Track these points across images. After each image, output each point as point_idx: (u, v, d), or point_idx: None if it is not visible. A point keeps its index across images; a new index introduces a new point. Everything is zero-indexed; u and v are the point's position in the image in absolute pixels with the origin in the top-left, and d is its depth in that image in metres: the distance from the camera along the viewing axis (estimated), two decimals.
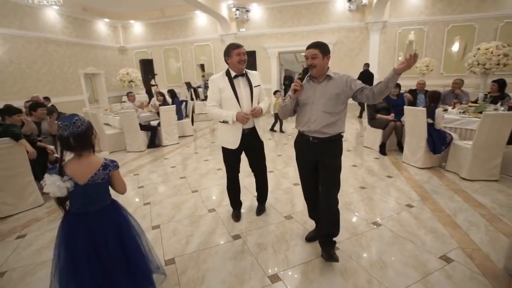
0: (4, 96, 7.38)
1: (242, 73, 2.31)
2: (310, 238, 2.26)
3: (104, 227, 1.44)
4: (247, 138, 2.36)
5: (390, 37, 9.28)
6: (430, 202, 2.85)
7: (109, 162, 1.48)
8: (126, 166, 4.67)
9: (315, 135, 1.96)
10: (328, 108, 1.92)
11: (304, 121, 2.01)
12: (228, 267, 2.00)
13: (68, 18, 9.65)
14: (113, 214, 1.51)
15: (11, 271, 2.10)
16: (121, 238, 1.49)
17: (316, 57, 1.90)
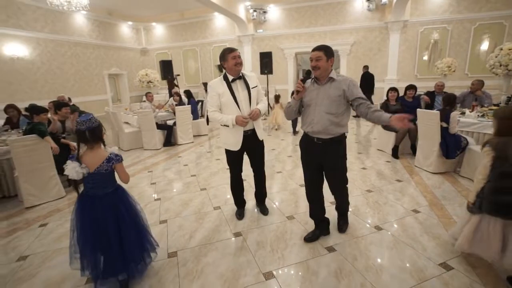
0: (36, 95, 7.97)
1: (239, 76, 2.36)
2: (309, 239, 2.31)
3: (104, 209, 1.73)
4: (248, 139, 2.44)
5: (411, 36, 8.97)
6: (438, 208, 2.78)
7: (114, 156, 1.75)
8: (141, 163, 4.91)
9: (319, 136, 2.06)
10: (331, 109, 2.00)
11: (307, 122, 2.10)
12: (226, 262, 2.09)
13: (95, 22, 10.22)
14: (114, 200, 1.78)
15: (33, 255, 2.32)
16: (118, 219, 1.77)
17: (320, 59, 1.97)
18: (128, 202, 1.86)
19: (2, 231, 2.74)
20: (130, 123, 6.67)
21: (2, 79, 7.49)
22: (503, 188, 1.71)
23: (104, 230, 1.71)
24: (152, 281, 1.94)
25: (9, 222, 2.93)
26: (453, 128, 3.52)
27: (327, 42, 9.94)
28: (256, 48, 11.11)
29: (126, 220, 1.78)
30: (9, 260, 2.25)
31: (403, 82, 9.13)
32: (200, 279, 1.94)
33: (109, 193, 1.77)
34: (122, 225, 1.76)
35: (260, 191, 2.84)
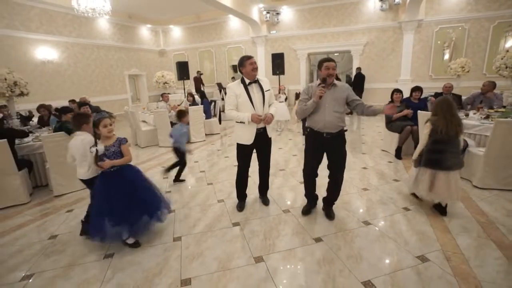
0: (64, 95, 8.65)
1: (255, 80, 2.68)
2: (306, 211, 2.83)
3: (121, 179, 2.35)
4: (259, 136, 2.74)
5: (425, 36, 8.83)
6: (429, 207, 2.90)
7: (122, 138, 2.39)
8: (156, 159, 5.30)
9: (329, 131, 2.48)
10: (338, 109, 2.47)
11: (319, 121, 2.49)
12: (222, 247, 2.36)
13: (117, 25, 10.86)
14: (127, 172, 2.41)
15: (61, 235, 2.71)
16: (135, 184, 2.43)
17: (335, 68, 2.46)
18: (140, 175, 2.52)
19: (36, 215, 3.17)
20: (147, 122, 7.11)
21: (35, 81, 8.21)
22: (433, 150, 2.59)
23: (123, 191, 2.32)
24: (159, 259, 2.25)
25: (41, 207, 3.37)
26: None
27: (340, 43, 10.07)
28: (269, 49, 11.33)
29: (143, 182, 2.50)
30: (41, 238, 2.65)
31: (417, 83, 8.99)
32: (199, 259, 2.22)
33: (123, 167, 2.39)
34: (140, 185, 2.45)
35: (263, 184, 3.14)
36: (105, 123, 2.29)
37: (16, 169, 3.37)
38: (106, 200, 2.29)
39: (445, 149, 2.55)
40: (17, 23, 7.81)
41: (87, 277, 2.09)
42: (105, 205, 2.28)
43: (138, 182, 2.47)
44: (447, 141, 2.55)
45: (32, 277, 2.12)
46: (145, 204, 2.42)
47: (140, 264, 2.20)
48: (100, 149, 2.30)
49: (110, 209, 2.26)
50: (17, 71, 7.73)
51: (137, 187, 2.42)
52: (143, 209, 2.40)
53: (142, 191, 2.44)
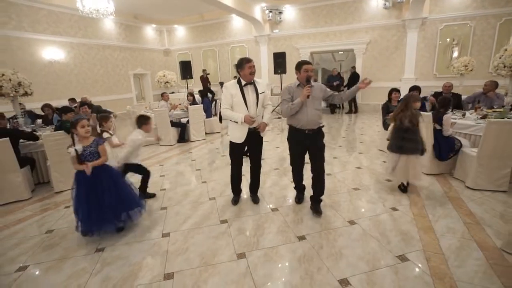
0: (70, 94, 8.84)
1: (251, 82, 2.74)
2: (299, 200, 3.10)
3: (97, 177, 2.45)
4: (251, 134, 2.82)
5: (430, 34, 8.68)
6: (418, 207, 2.90)
7: (98, 139, 2.51)
8: (155, 157, 5.42)
9: (310, 128, 2.66)
10: (317, 107, 2.67)
11: (301, 119, 2.64)
12: (208, 243, 2.43)
13: (122, 25, 11.05)
14: (103, 171, 2.50)
15: (58, 229, 2.83)
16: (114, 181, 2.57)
17: (312, 70, 2.71)
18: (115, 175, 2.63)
19: (36, 211, 3.31)
20: None
21: (42, 80, 8.45)
22: (396, 137, 3.15)
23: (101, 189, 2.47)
24: (146, 254, 2.34)
25: (42, 203, 3.52)
26: (446, 131, 3.57)
27: (343, 41, 10.00)
28: (272, 48, 11.32)
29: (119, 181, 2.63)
30: (40, 232, 2.78)
31: (421, 82, 8.91)
32: (184, 255, 2.30)
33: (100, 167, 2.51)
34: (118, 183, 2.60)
35: (254, 182, 3.20)
36: (82, 124, 2.42)
37: (18, 166, 3.52)
38: (82, 199, 2.43)
39: (405, 137, 3.08)
40: (25, 24, 8.04)
41: (77, 269, 2.19)
42: (82, 204, 2.44)
43: (113, 181, 2.58)
44: (405, 129, 3.06)
45: (27, 269, 2.23)
46: (121, 204, 2.56)
47: (128, 258, 2.29)
48: (79, 149, 2.41)
49: (87, 209, 2.43)
50: (25, 71, 7.98)
51: (110, 187, 2.52)
52: (118, 208, 2.54)
53: (117, 191, 2.56)
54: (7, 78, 4.21)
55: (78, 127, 2.42)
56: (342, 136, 6.41)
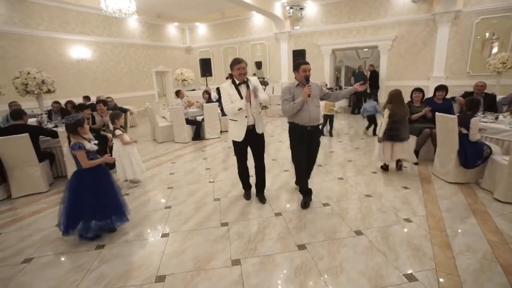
0: (96, 91, 9.27)
1: (244, 81, 2.84)
2: (305, 205, 3.00)
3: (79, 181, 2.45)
4: (250, 133, 2.89)
5: (463, 29, 7.99)
6: (435, 220, 2.65)
7: (74, 145, 2.36)
8: (169, 154, 5.49)
9: (312, 124, 2.84)
10: (317, 104, 2.86)
11: (305, 116, 2.78)
12: (205, 246, 2.38)
13: (145, 24, 11.37)
14: (87, 176, 2.45)
15: None
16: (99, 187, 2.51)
17: (310, 70, 2.82)
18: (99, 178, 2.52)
19: (51, 204, 3.46)
20: (166, 118, 7.39)
21: (71, 78, 8.93)
22: (391, 128, 3.62)
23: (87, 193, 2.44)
24: (143, 253, 2.34)
25: (57, 197, 3.65)
26: (473, 135, 3.23)
27: (367, 38, 9.58)
28: (292, 46, 11.08)
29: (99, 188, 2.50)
30: (49, 225, 2.89)
31: (452, 80, 8.27)
32: (179, 257, 2.26)
33: (81, 171, 2.44)
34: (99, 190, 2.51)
35: (259, 182, 3.21)
36: (86, 122, 2.52)
37: (37, 161, 3.70)
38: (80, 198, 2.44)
39: (399, 127, 3.62)
40: (56, 25, 8.52)
41: (76, 265, 2.23)
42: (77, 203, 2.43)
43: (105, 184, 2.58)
44: (399, 121, 3.61)
45: (31, 261, 2.32)
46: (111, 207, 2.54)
47: (125, 257, 2.30)
48: (89, 146, 2.51)
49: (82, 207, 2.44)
50: (55, 70, 8.48)
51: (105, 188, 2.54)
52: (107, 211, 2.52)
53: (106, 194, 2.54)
54: (32, 76, 4.44)
55: (85, 124, 2.48)
56: (360, 137, 6.10)
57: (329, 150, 5.21)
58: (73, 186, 2.45)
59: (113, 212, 2.54)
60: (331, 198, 3.20)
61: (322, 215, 2.82)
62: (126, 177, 3.70)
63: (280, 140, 6.12)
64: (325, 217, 2.77)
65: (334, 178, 3.80)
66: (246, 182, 3.29)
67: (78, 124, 2.41)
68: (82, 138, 2.46)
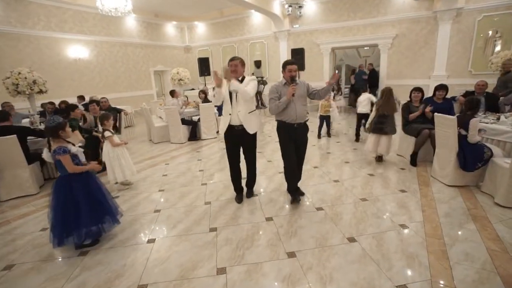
0: (93, 90, 9.23)
1: (236, 79, 2.82)
2: (294, 200, 3.05)
3: (67, 187, 2.31)
4: (239, 133, 2.93)
5: (465, 27, 7.83)
6: (432, 226, 2.54)
7: (57, 149, 2.22)
8: (163, 155, 5.41)
9: (299, 121, 2.89)
10: (303, 102, 2.91)
11: (291, 114, 2.84)
12: (191, 253, 2.29)
13: (143, 23, 11.29)
14: (74, 180, 2.32)
15: None
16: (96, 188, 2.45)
17: (296, 70, 2.87)
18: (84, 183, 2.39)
19: (39, 207, 3.39)
20: (163, 118, 7.30)
21: (68, 77, 8.87)
22: (378, 122, 4.03)
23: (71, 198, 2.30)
24: (127, 261, 2.25)
25: (46, 199, 3.57)
26: (472, 137, 3.11)
27: (367, 36, 9.42)
28: (292, 44, 10.95)
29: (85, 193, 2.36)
30: (34, 230, 2.82)
31: (454, 79, 8.12)
32: (164, 264, 2.17)
33: (65, 176, 2.30)
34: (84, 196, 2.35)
35: (249, 178, 3.28)
36: (67, 126, 2.41)
37: (25, 162, 3.63)
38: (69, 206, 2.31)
39: (384, 121, 4.01)
40: (53, 24, 8.45)
41: (56, 273, 2.15)
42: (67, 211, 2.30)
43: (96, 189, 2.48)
44: (385, 116, 4.00)
45: (12, 268, 2.24)
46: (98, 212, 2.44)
47: (108, 264, 2.22)
48: (74, 149, 2.39)
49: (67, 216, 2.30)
50: (52, 69, 8.42)
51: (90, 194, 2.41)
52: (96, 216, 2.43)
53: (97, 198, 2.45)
54: (23, 76, 4.36)
55: (67, 127, 2.38)
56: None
57: (326, 151, 5.10)
58: (61, 194, 2.31)
59: (106, 213, 2.47)
60: (325, 202, 3.10)
61: (314, 220, 2.72)
62: (116, 180, 3.61)
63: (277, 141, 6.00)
64: (318, 223, 2.67)
65: (330, 181, 3.70)
66: (237, 185, 3.26)
67: (59, 127, 2.29)
68: (65, 141, 2.35)
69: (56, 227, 2.28)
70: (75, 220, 2.29)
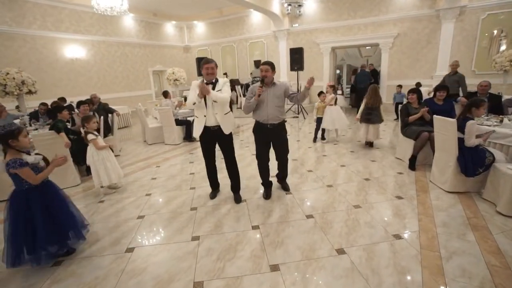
0: (91, 90, 9.12)
1: (211, 81, 2.88)
2: (267, 196, 3.22)
3: (24, 203, 2.07)
4: (215, 133, 2.96)
5: (469, 25, 7.62)
6: (428, 237, 2.38)
7: (11, 162, 1.96)
8: (155, 157, 5.29)
9: (271, 122, 2.96)
10: (278, 103, 2.96)
11: (263, 114, 2.95)
12: (169, 265, 2.15)
13: (142, 23, 11.21)
14: (33, 194, 2.09)
15: None
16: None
17: (268, 71, 2.89)
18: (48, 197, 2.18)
19: None
20: (158, 119, 7.19)
21: (64, 77, 8.81)
22: (366, 113, 4.81)
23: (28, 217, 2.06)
24: (101, 272, 2.12)
25: None
26: (467, 140, 2.94)
27: (367, 35, 9.24)
28: (291, 43, 10.80)
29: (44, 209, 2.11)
30: None
31: None
32: (139, 276, 2.04)
33: (23, 190, 2.06)
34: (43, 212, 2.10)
35: (232, 182, 3.25)
36: (24, 133, 2.10)
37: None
38: (28, 223, 2.07)
39: (371, 113, 4.78)
40: (49, 24, 8.40)
41: (25, 285, 2.03)
42: (25, 229, 2.06)
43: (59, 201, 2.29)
44: (372, 108, 4.77)
45: None
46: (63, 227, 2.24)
47: (81, 276, 2.09)
48: (31, 159, 2.09)
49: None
50: (49, 69, 8.36)
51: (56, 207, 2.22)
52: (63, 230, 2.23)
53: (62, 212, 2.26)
54: (11, 77, 4.27)
55: (21, 136, 2.05)
56: (357, 139, 5.80)
57: (322, 154, 4.94)
58: (17, 211, 2.06)
59: (70, 228, 2.27)
60: (316, 209, 2.95)
61: (303, 229, 2.57)
62: (102, 183, 3.49)
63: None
64: (306, 232, 2.52)
65: (323, 186, 3.55)
66: (213, 181, 3.38)
67: (8, 136, 1.97)
68: (18, 152, 2.05)
69: (11, 246, 2.03)
70: (33, 240, 2.06)
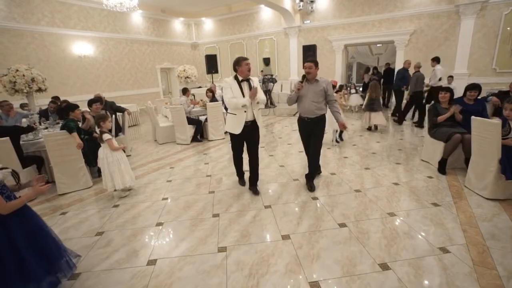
0: (99, 88, 9.03)
1: (247, 79, 3.02)
2: (311, 188, 3.34)
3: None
4: (249, 127, 3.09)
5: (490, 21, 7.31)
6: (478, 251, 2.16)
7: None
8: (168, 158, 5.11)
9: (308, 116, 3.21)
10: (314, 99, 3.14)
11: (302, 107, 3.22)
12: (196, 281, 1.97)
13: (150, 19, 11.03)
14: (5, 221, 1.64)
15: None
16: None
17: (311, 67, 3.08)
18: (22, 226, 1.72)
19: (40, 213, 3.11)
20: (168, 117, 7.01)
21: (72, 75, 8.68)
22: (369, 103, 6.04)
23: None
24: (120, 286, 1.95)
25: (42, 206, 3.35)
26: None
27: (382, 32, 8.94)
28: (302, 41, 10.56)
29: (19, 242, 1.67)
30: None
31: (476, 78, 7.61)
32: None
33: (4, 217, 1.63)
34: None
35: (253, 175, 3.35)
36: None
37: (20, 166, 3.37)
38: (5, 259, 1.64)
39: (374, 103, 5.93)
40: (58, 20, 8.26)
41: None
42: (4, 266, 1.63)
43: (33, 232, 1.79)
44: (374, 99, 5.90)
45: None
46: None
47: None
48: None
49: None
50: (56, 66, 8.23)
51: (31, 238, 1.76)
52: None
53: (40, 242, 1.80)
54: (20, 74, 4.11)
55: None
56: (376, 140, 5.57)
57: (343, 155, 4.73)
58: None
59: (62, 256, 1.88)
60: (348, 217, 2.75)
61: (338, 240, 2.37)
62: (115, 187, 3.31)
63: (289, 143, 5.66)
64: (342, 243, 2.32)
65: (350, 190, 3.34)
66: (239, 170, 3.59)
67: None
68: None
69: None
70: (20, 273, 1.66)
